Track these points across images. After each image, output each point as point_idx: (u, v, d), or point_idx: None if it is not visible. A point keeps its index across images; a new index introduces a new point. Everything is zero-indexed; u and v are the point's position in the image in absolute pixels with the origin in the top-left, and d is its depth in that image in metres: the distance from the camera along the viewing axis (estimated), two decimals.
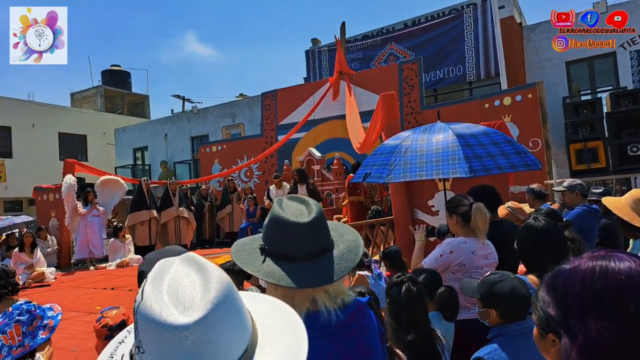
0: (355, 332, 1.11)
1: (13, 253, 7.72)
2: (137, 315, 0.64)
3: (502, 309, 1.72)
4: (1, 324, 2.06)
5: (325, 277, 1.06)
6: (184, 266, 0.72)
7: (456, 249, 2.56)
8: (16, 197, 21.18)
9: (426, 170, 3.17)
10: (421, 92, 10.39)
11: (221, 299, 0.65)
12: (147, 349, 0.63)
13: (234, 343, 0.66)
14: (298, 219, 1.08)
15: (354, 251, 1.14)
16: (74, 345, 3.81)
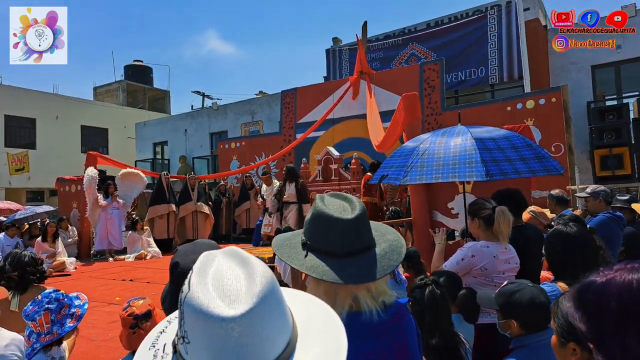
0: (396, 333, 1.11)
1: (36, 242, 7.90)
2: (184, 306, 0.65)
3: (523, 318, 1.68)
4: (31, 311, 2.11)
5: (369, 275, 1.06)
6: (227, 260, 0.73)
7: (478, 253, 2.53)
8: (38, 188, 21.65)
9: (442, 173, 3.14)
10: (442, 93, 10.30)
11: (266, 293, 0.65)
12: (193, 340, 0.64)
13: (276, 337, 0.67)
14: (342, 215, 1.08)
15: (396, 250, 1.14)
16: (95, 335, 3.89)
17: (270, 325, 0.65)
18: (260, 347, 0.64)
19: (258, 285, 0.66)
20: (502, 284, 2.51)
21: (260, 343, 0.64)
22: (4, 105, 20.63)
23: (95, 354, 3.49)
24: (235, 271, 0.69)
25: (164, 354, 0.70)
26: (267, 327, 0.64)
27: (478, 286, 2.51)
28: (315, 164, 10.34)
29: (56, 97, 23.17)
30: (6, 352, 1.94)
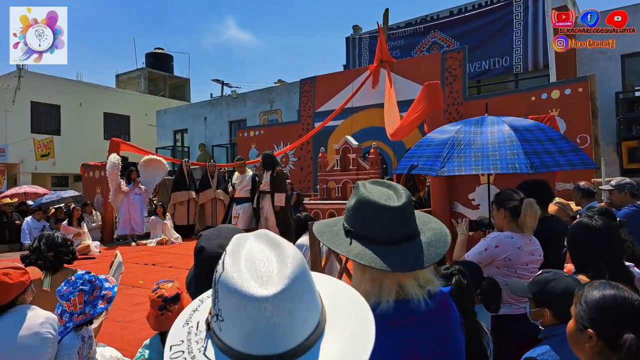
0: (442, 322, 1.11)
1: (62, 225, 8.13)
2: (218, 285, 0.67)
3: (557, 308, 1.67)
4: (65, 291, 2.19)
5: (417, 263, 1.06)
6: (258, 242, 0.75)
7: (502, 244, 2.52)
8: (63, 173, 22.20)
9: (482, 164, 3.05)
10: (464, 82, 10.14)
11: (297, 276, 0.67)
12: (227, 318, 0.66)
13: (307, 318, 0.69)
14: (388, 202, 1.07)
15: (442, 239, 1.13)
16: (120, 316, 4.00)
17: (301, 306, 0.67)
18: (291, 327, 0.66)
19: (289, 268, 0.68)
20: (525, 275, 2.50)
21: (291, 323, 0.66)
22: (31, 92, 21.12)
23: (121, 335, 3.60)
24: (266, 253, 0.72)
25: (198, 331, 0.73)
26: (297, 308, 0.67)
27: (500, 277, 2.50)
28: (333, 153, 10.33)
29: (80, 84, 23.60)
30: (41, 329, 2.02)
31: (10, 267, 2.14)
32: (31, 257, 2.78)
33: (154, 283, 5.23)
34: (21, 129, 20.75)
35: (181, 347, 0.71)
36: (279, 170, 8.33)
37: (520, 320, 2.53)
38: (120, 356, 3.06)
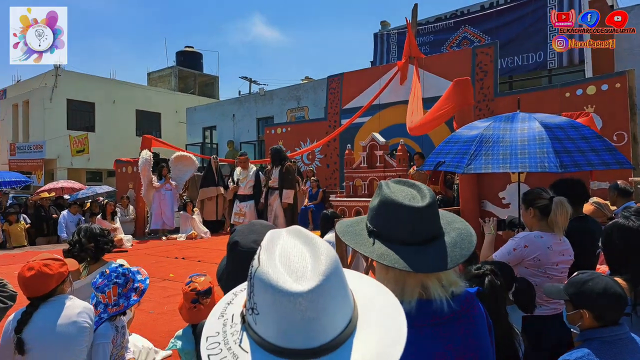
0: (465, 323, 1.10)
1: (96, 219, 8.40)
2: (254, 280, 0.69)
3: (597, 309, 1.61)
4: (101, 284, 2.28)
5: (441, 264, 1.05)
6: (291, 238, 0.76)
7: (531, 244, 2.47)
8: (97, 169, 22.91)
9: (510, 162, 2.97)
10: (495, 78, 9.93)
11: (331, 272, 0.68)
12: (262, 311, 0.68)
13: (339, 314, 0.70)
14: (412, 202, 1.06)
15: (467, 239, 1.11)
16: (151, 308, 4.12)
17: (334, 302, 0.68)
18: (325, 323, 0.67)
19: (323, 264, 0.69)
20: (555, 276, 2.44)
21: (324, 318, 0.67)
22: (67, 90, 21.87)
23: (152, 326, 3.70)
24: (300, 249, 0.73)
25: (233, 323, 0.75)
26: (331, 304, 0.68)
27: (530, 277, 2.46)
28: (360, 151, 10.29)
29: (113, 82, 24.27)
30: (79, 318, 2.11)
31: (50, 258, 2.23)
32: (73, 250, 2.89)
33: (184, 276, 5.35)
34: (58, 125, 21.51)
35: (217, 339, 0.73)
36: (288, 165, 8.05)
37: (551, 320, 2.48)
38: (151, 346, 3.15)
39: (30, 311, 2.11)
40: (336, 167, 12.36)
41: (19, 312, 2.12)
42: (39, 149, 21.25)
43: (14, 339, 2.05)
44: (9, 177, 12.98)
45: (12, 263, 6.09)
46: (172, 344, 1.99)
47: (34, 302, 2.13)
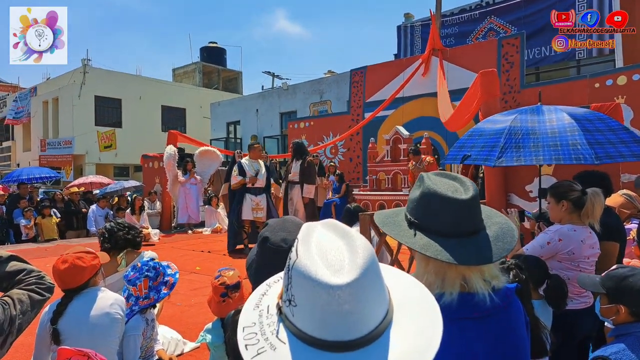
0: (505, 318, 1.09)
1: (126, 214, 8.61)
2: (292, 272, 0.69)
3: (635, 305, 1.57)
4: (132, 277, 2.34)
5: (484, 257, 1.04)
6: (327, 231, 0.77)
7: (565, 237, 2.41)
8: (124, 164, 23.44)
9: (543, 154, 2.91)
10: (522, 69, 9.69)
11: (368, 266, 0.68)
12: (299, 303, 0.68)
13: (376, 307, 0.70)
14: (456, 195, 1.05)
15: (509, 233, 1.10)
16: (179, 300, 4.20)
17: (371, 296, 0.68)
18: (362, 316, 0.67)
19: (361, 258, 0.69)
20: (587, 269, 2.39)
21: (361, 311, 0.67)
22: (95, 87, 22.39)
23: (179, 318, 3.78)
24: (336, 242, 0.73)
25: (269, 315, 0.76)
26: (368, 297, 0.68)
27: (562, 271, 2.41)
28: (383, 144, 10.23)
29: (139, 78, 24.72)
30: (111, 310, 2.17)
31: (83, 251, 2.30)
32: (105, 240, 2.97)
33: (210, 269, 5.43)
34: (86, 122, 22.06)
35: (254, 329, 0.74)
36: (309, 160, 7.88)
37: (581, 315, 2.43)
38: (180, 337, 3.22)
39: (65, 303, 2.17)
40: (359, 161, 12.32)
41: (54, 303, 2.19)
42: (68, 145, 21.86)
43: (50, 329, 2.12)
44: (40, 173, 13.41)
45: (44, 256, 6.30)
46: (201, 337, 2.03)
47: (68, 294, 2.20)
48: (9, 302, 1.48)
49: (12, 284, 1.58)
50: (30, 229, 9.11)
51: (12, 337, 1.48)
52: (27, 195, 10.09)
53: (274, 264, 1.07)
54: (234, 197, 7.40)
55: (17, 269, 1.61)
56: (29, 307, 1.53)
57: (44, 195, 13.17)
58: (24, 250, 7.34)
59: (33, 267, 1.66)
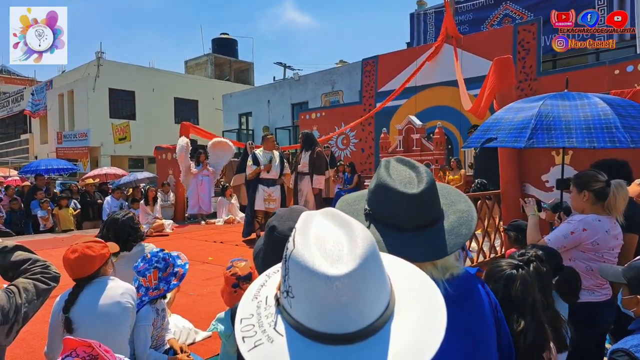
0: (464, 305, 1.04)
1: (140, 205, 8.70)
2: (289, 263, 0.67)
3: None
4: (142, 268, 2.35)
5: (436, 252, 1.00)
6: (326, 220, 0.74)
7: (590, 227, 2.35)
8: (138, 155, 23.67)
9: (576, 137, 2.79)
10: (538, 56, 9.48)
11: (368, 256, 0.65)
12: (297, 294, 0.66)
13: (377, 299, 0.67)
14: (406, 188, 1.00)
15: (465, 224, 1.04)
16: (191, 290, 4.23)
17: (371, 287, 0.66)
18: (361, 307, 0.65)
19: (360, 248, 0.66)
20: (610, 260, 2.33)
21: (361, 303, 0.64)
22: (109, 80, 22.58)
23: (192, 307, 3.80)
24: (335, 232, 0.70)
25: (267, 306, 0.74)
26: (368, 288, 0.65)
27: (586, 261, 2.36)
28: (396, 134, 10.14)
29: (152, 71, 24.85)
30: (122, 299, 2.18)
31: (92, 241, 2.31)
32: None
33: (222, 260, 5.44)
34: (101, 114, 22.30)
35: (251, 321, 0.72)
36: (319, 150, 7.83)
37: (601, 307, 2.38)
38: (192, 327, 3.24)
39: (77, 292, 2.19)
40: (371, 152, 12.25)
41: (66, 292, 2.21)
42: (84, 137, 22.14)
43: (63, 318, 2.14)
44: (58, 165, 13.61)
45: (61, 246, 6.40)
46: (213, 326, 2.03)
47: (79, 283, 2.21)
48: (15, 290, 1.49)
49: (17, 273, 1.59)
50: (47, 220, 9.27)
51: (18, 325, 1.49)
52: (44, 186, 10.26)
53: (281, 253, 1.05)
54: (249, 188, 7.48)
55: (22, 259, 1.62)
56: (35, 295, 1.54)
57: (60, 187, 13.38)
58: (41, 240, 7.47)
59: (38, 256, 1.67)
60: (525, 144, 2.87)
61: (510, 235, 3.30)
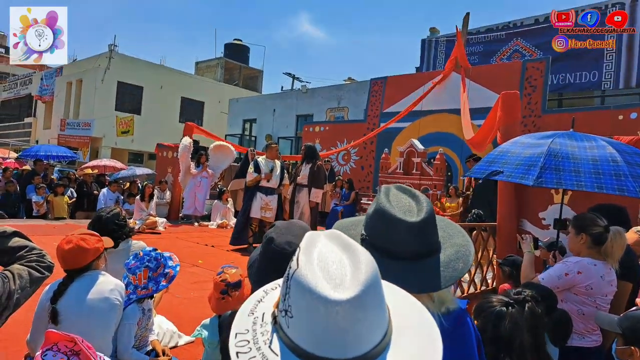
0: (456, 340, 1.03)
1: (136, 200, 8.67)
2: (291, 282, 0.67)
3: None
4: (133, 266, 2.34)
5: (429, 285, 0.99)
6: (329, 242, 0.74)
7: (585, 271, 2.35)
8: (139, 150, 23.67)
9: (585, 181, 2.80)
10: (544, 94, 9.59)
11: (370, 283, 0.66)
12: (296, 315, 0.66)
13: (375, 327, 0.67)
14: (406, 216, 1.00)
15: (463, 258, 1.04)
16: (179, 293, 4.19)
17: (371, 314, 0.66)
18: (360, 334, 0.65)
19: (363, 274, 0.67)
20: (602, 307, 2.33)
21: (360, 330, 0.65)
22: (118, 73, 22.68)
23: (177, 310, 3.77)
24: (338, 255, 0.71)
25: (263, 323, 0.74)
26: (367, 315, 0.65)
27: (578, 304, 2.36)
28: (397, 155, 10.18)
29: (162, 68, 24.99)
30: (111, 295, 2.16)
31: (87, 233, 2.30)
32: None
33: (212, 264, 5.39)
34: (107, 106, 22.34)
35: (246, 337, 0.72)
36: (319, 164, 7.84)
37: (591, 353, 2.37)
38: (176, 330, 3.21)
39: (66, 283, 2.17)
40: (371, 170, 12.29)
41: (55, 283, 2.19)
42: (87, 127, 22.15)
43: (49, 308, 2.12)
44: (57, 152, 13.60)
45: (52, 234, 6.36)
46: (197, 332, 2.02)
47: (70, 274, 2.20)
48: (9, 276, 1.49)
49: (13, 259, 1.59)
50: (42, 205, 9.22)
51: (9, 310, 1.49)
52: (42, 172, 10.23)
53: (276, 266, 1.05)
54: (245, 193, 7.47)
55: (19, 245, 1.62)
56: (28, 283, 1.53)
57: (58, 174, 13.35)
58: (34, 226, 7.42)
59: (35, 245, 1.67)
60: (533, 183, 2.87)
61: (505, 270, 3.30)
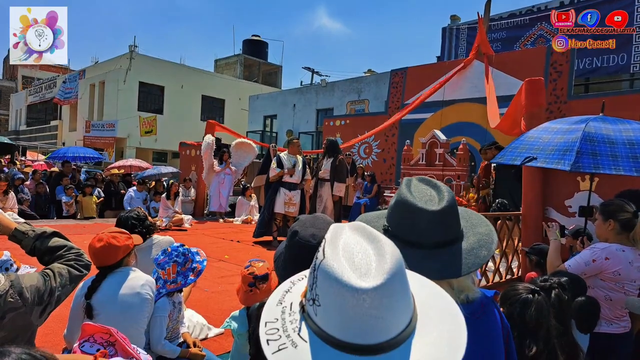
0: (478, 328, 1.02)
1: (162, 198, 8.86)
2: (318, 272, 0.69)
3: None
4: (162, 261, 2.41)
5: (451, 271, 1.00)
6: (354, 234, 0.76)
7: (613, 256, 2.31)
8: (163, 150, 24.10)
9: (623, 165, 2.76)
10: (570, 79, 9.33)
11: (395, 272, 0.68)
12: (323, 303, 0.68)
13: (400, 314, 0.69)
14: (427, 205, 1.02)
15: (485, 246, 1.05)
16: (206, 286, 4.29)
17: (396, 302, 0.68)
18: (386, 321, 0.67)
19: (388, 263, 0.68)
20: (631, 292, 2.29)
21: (386, 317, 0.66)
22: (140, 73, 23.10)
23: (206, 303, 3.86)
24: (363, 245, 0.73)
25: (292, 312, 0.76)
26: (393, 303, 0.67)
27: (606, 290, 2.32)
28: (419, 147, 10.07)
29: (182, 67, 25.31)
30: (142, 290, 2.24)
31: (117, 231, 2.38)
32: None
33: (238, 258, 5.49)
34: (129, 106, 22.81)
35: (276, 325, 0.74)
36: (341, 158, 7.86)
37: (620, 339, 2.34)
38: (205, 322, 3.29)
39: (99, 279, 2.26)
40: (393, 162, 12.21)
41: (89, 279, 2.28)
42: (111, 128, 22.66)
43: (84, 303, 2.21)
44: (85, 153, 13.97)
45: (82, 233, 6.56)
46: (227, 324, 2.07)
47: (102, 271, 2.28)
48: (50, 274, 1.57)
49: (53, 258, 1.67)
50: (71, 205, 9.51)
51: (51, 307, 1.57)
52: (70, 173, 10.54)
53: (301, 259, 1.07)
54: (268, 189, 7.56)
55: (58, 245, 1.69)
56: (68, 280, 1.61)
57: (85, 175, 13.73)
58: (64, 225, 7.67)
59: (73, 244, 1.75)
60: (571, 167, 2.83)
61: (532, 259, 3.26)
